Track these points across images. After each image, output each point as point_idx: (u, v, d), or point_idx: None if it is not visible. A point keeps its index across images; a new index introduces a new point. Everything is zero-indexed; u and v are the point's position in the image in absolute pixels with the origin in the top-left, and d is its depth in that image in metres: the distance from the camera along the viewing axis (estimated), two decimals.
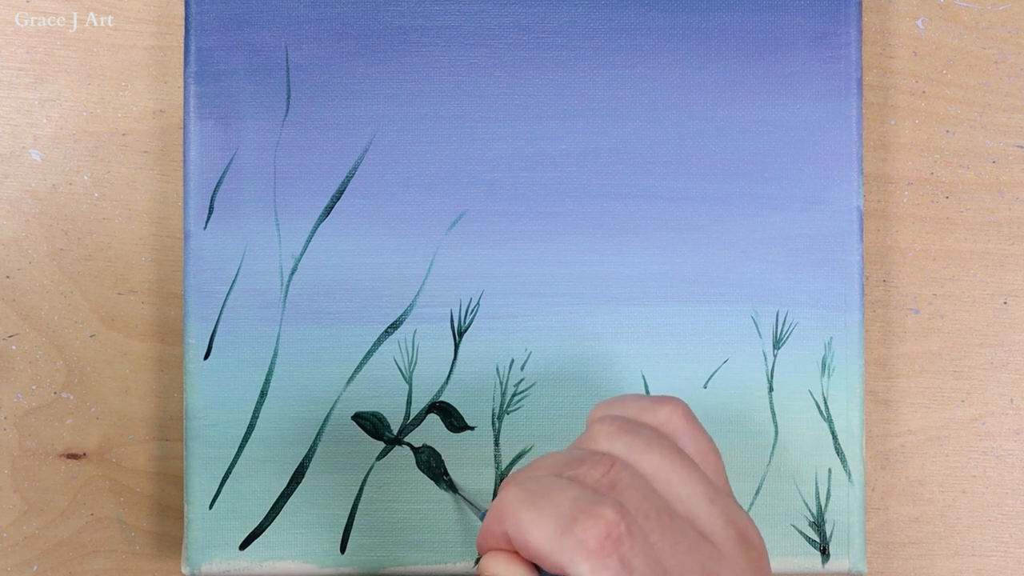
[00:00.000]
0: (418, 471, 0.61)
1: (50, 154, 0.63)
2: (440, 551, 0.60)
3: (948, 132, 0.65)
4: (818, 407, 0.61)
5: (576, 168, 0.61)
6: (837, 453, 0.61)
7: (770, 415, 0.61)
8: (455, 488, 0.60)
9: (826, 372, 0.61)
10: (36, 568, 0.63)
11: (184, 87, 0.61)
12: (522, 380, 0.61)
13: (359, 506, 0.60)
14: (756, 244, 0.61)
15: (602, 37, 0.62)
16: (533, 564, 0.47)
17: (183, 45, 0.62)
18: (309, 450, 0.61)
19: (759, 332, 0.61)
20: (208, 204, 0.61)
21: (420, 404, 0.61)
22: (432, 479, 0.60)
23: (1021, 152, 0.65)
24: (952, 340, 0.65)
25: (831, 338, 0.61)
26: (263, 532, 0.60)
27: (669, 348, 0.61)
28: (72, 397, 0.63)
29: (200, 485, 0.60)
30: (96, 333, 0.63)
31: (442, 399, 0.61)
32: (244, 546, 0.60)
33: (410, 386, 0.61)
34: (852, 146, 0.62)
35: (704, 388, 0.61)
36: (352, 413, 0.61)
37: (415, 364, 0.61)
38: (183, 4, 0.63)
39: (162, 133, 0.64)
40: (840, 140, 0.62)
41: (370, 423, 0.61)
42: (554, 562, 0.45)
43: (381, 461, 0.61)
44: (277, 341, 0.60)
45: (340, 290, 0.61)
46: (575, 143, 0.61)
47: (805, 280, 0.61)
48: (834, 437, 0.61)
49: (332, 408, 0.61)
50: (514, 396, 0.61)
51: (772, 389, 0.61)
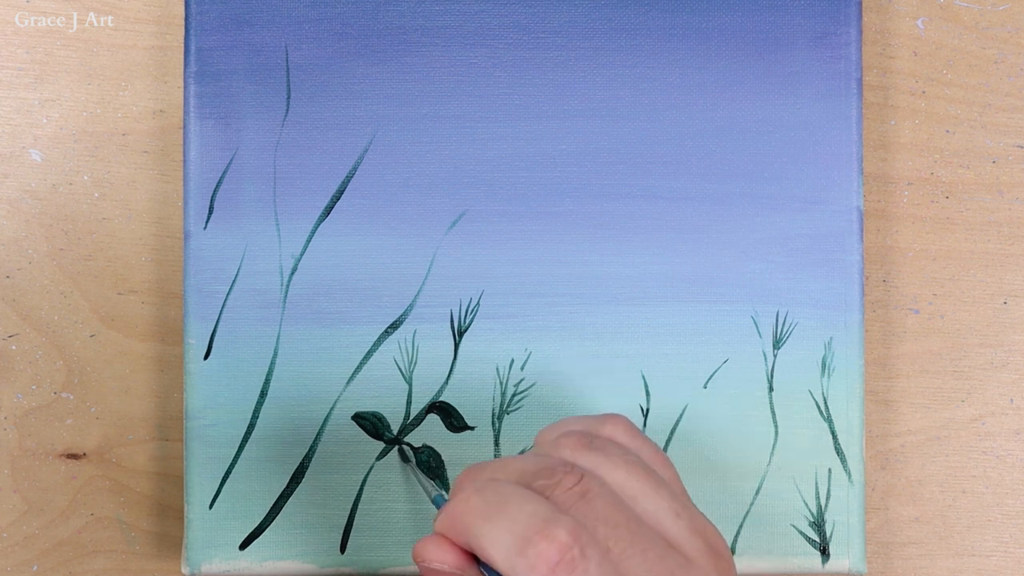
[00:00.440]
0: (418, 471, 0.61)
1: (50, 154, 0.63)
2: None
3: (948, 132, 0.65)
4: (818, 407, 0.61)
5: (576, 168, 0.61)
6: (837, 453, 0.61)
7: (770, 415, 0.61)
8: (406, 458, 0.60)
9: (826, 372, 0.61)
10: (36, 568, 0.63)
11: (184, 87, 0.61)
12: (522, 380, 0.61)
13: (359, 506, 0.60)
14: (756, 244, 0.61)
15: (602, 37, 0.62)
16: (471, 554, 0.48)
17: (183, 45, 0.62)
18: (309, 450, 0.60)
19: (759, 332, 0.61)
20: (208, 204, 0.61)
21: (420, 404, 0.61)
22: (398, 452, 0.60)
23: (1021, 152, 0.65)
24: (952, 340, 0.65)
25: (831, 338, 0.61)
26: (263, 532, 0.60)
27: (669, 348, 0.61)
28: (72, 397, 0.63)
29: (200, 485, 0.60)
30: (96, 333, 0.63)
31: (442, 399, 0.61)
32: (244, 546, 0.60)
33: (410, 386, 0.61)
34: (852, 146, 0.62)
35: (704, 388, 0.61)
36: (352, 413, 0.61)
37: (415, 364, 0.61)
38: (183, 4, 0.63)
39: (162, 133, 0.64)
40: (840, 140, 0.62)
41: (370, 423, 0.61)
42: None
43: (381, 461, 0.61)
44: (277, 341, 0.60)
45: (340, 290, 0.61)
46: (575, 143, 0.61)
47: (805, 280, 0.61)
48: (834, 437, 0.61)
49: (332, 408, 0.61)
50: (514, 396, 0.61)
51: (772, 389, 0.61)
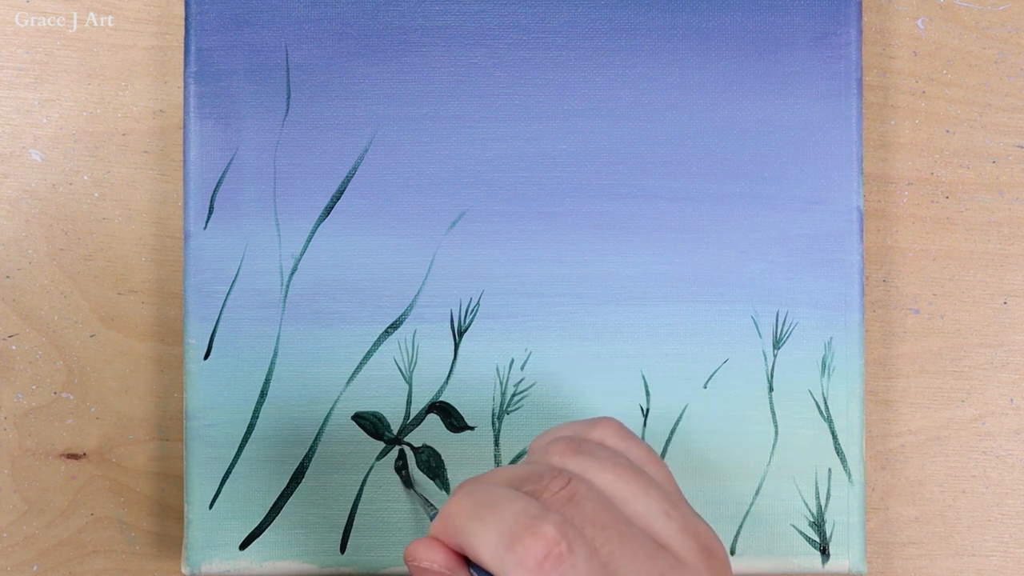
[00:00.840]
0: (418, 471, 0.61)
1: (50, 154, 0.63)
2: None
3: (948, 132, 0.65)
4: (818, 407, 0.61)
5: (576, 168, 0.61)
6: (837, 453, 0.61)
7: (770, 415, 0.61)
8: (409, 483, 0.60)
9: (826, 372, 0.61)
10: (36, 568, 0.63)
11: (184, 87, 0.61)
12: (522, 380, 0.61)
13: (359, 506, 0.60)
14: (756, 244, 0.61)
15: (602, 37, 0.62)
16: (461, 556, 0.48)
17: (183, 45, 0.62)
18: (309, 450, 0.60)
19: (759, 332, 0.61)
20: (208, 204, 0.61)
21: (420, 404, 0.61)
22: (395, 471, 0.60)
23: (1021, 152, 0.65)
24: (952, 340, 0.65)
25: (831, 338, 0.61)
26: (263, 532, 0.60)
27: (669, 348, 0.61)
28: (72, 397, 0.63)
29: (200, 485, 0.60)
30: (96, 333, 0.63)
31: (442, 399, 0.61)
32: (244, 546, 0.60)
33: (410, 386, 0.61)
34: (852, 146, 0.62)
35: (704, 388, 0.61)
36: (352, 413, 0.61)
37: (415, 364, 0.61)
38: (183, 4, 0.63)
39: (162, 133, 0.64)
40: (840, 140, 0.62)
41: (370, 423, 0.61)
42: None
43: (381, 461, 0.61)
44: (277, 341, 0.60)
45: (340, 290, 0.61)
46: (575, 143, 0.61)
47: (805, 280, 0.61)
48: (834, 437, 0.61)
49: (332, 408, 0.61)
50: (514, 396, 0.61)
51: (772, 389, 0.61)
